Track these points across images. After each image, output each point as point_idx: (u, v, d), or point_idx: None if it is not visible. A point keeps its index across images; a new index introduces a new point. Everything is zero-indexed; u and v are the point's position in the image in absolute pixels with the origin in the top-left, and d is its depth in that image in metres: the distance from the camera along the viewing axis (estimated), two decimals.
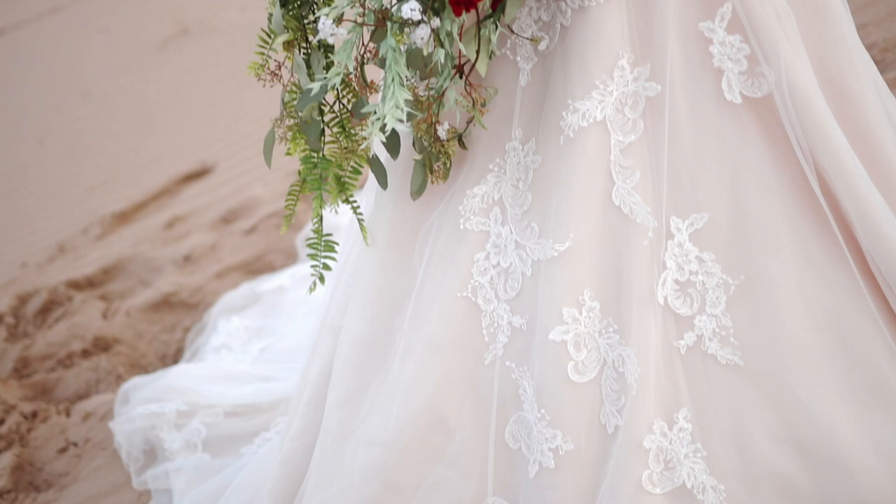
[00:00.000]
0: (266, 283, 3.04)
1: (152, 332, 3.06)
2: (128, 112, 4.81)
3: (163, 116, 4.67)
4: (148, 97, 4.92)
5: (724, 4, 1.92)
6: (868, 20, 3.25)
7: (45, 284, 3.35)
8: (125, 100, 4.95)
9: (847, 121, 1.98)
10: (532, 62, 1.98)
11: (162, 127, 4.56)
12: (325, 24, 1.78)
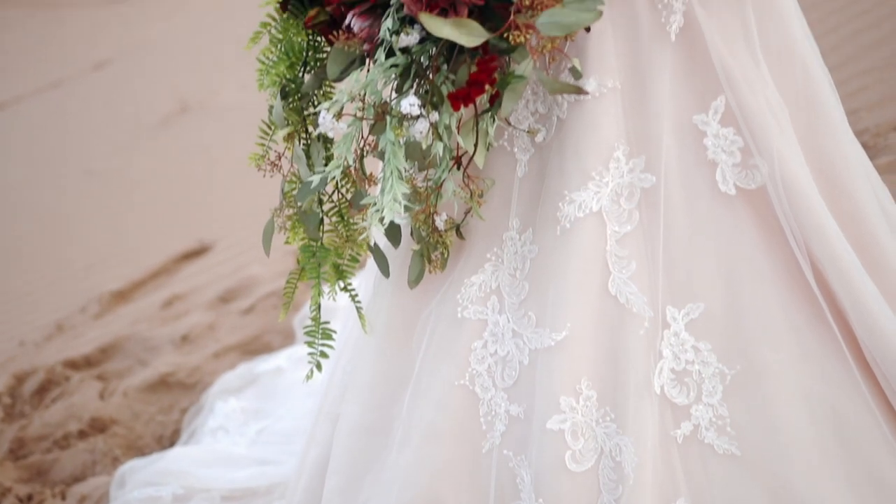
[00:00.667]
0: (264, 364, 3.05)
1: (149, 412, 3.06)
2: (127, 189, 4.84)
3: (162, 194, 4.71)
4: (147, 174, 4.96)
5: (718, 98, 1.95)
6: (860, 105, 3.30)
7: (43, 364, 3.35)
8: (125, 177, 4.99)
9: (840, 210, 2.00)
10: (529, 153, 2.01)
11: (161, 204, 4.60)
12: (325, 118, 1.82)
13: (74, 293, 3.97)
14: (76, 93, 7.57)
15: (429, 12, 1.80)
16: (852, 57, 3.49)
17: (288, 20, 1.98)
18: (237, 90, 5.63)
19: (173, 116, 5.55)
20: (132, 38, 9.06)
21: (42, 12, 10.86)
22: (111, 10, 10.64)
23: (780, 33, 2.00)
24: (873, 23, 3.68)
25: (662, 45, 1.95)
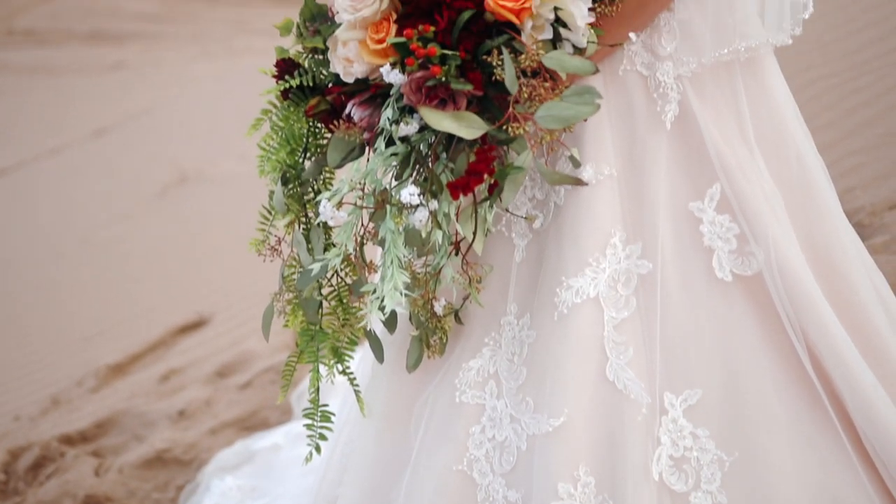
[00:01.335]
0: (261, 441, 3.03)
1: (145, 489, 3.04)
2: (125, 260, 4.85)
3: (160, 265, 4.71)
4: (146, 245, 4.97)
5: (713, 185, 1.97)
6: (855, 184, 3.33)
7: (38, 439, 3.34)
8: (123, 247, 5.00)
9: (836, 296, 2.02)
10: (527, 239, 2.02)
11: (159, 276, 4.60)
12: (325, 207, 1.83)
13: (71, 366, 3.96)
14: (75, 160, 7.61)
15: (428, 103, 1.82)
16: (847, 135, 3.53)
17: (289, 108, 2.00)
18: (237, 161, 5.67)
19: (172, 186, 5.58)
20: (132, 105, 9.13)
21: (42, 78, 10.95)
22: (111, 77, 10.72)
23: (773, 122, 2.03)
24: (868, 100, 3.73)
25: (658, 134, 1.98)
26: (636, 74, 1.98)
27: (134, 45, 12.24)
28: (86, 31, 12.69)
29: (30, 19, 12.88)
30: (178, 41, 12.34)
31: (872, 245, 3.02)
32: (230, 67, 10.14)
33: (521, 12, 1.83)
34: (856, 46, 4.10)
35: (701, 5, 1.97)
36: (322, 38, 1.96)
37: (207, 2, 14.32)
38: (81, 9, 13.10)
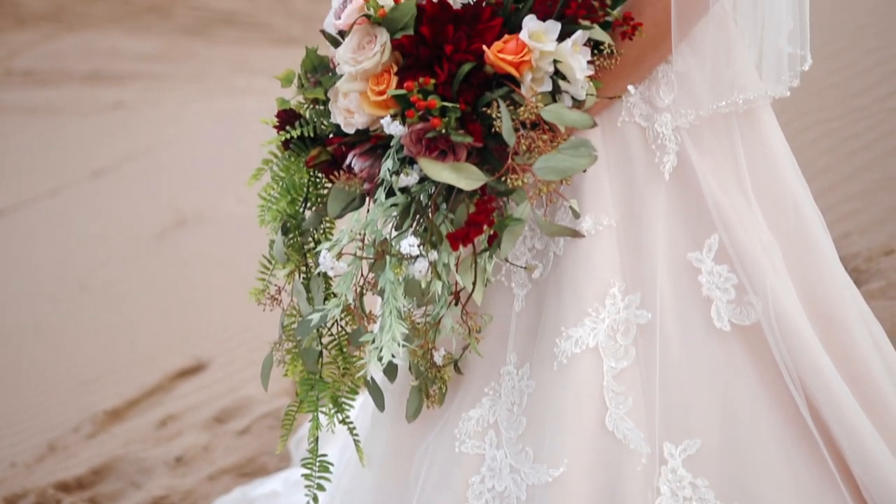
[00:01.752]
0: (259, 488, 3.02)
1: None
2: (123, 303, 4.85)
3: (158, 309, 4.71)
4: (143, 288, 4.97)
5: (712, 236, 1.98)
6: (851, 229, 3.34)
7: (34, 486, 3.32)
8: (121, 290, 5.00)
9: (834, 346, 2.02)
10: (526, 288, 2.03)
11: (157, 319, 4.60)
12: (325, 257, 1.84)
13: (68, 412, 3.95)
14: (74, 201, 7.62)
15: (428, 155, 1.84)
16: (844, 180, 3.55)
17: (290, 158, 2.01)
18: (235, 202, 5.69)
19: (171, 229, 5.59)
20: (131, 145, 9.16)
21: (41, 119, 10.99)
22: (110, 117, 10.76)
23: (770, 173, 2.04)
24: (865, 145, 3.75)
25: (657, 184, 1.99)
26: (634, 126, 2.00)
27: (133, 85, 12.31)
28: (85, 71, 12.76)
29: (29, 60, 12.95)
30: (178, 81, 12.41)
31: (869, 290, 3.03)
32: (229, 107, 10.19)
33: (520, 65, 1.84)
34: (853, 91, 4.13)
35: (698, 58, 1.99)
36: (323, 89, 1.98)
37: (207, 42, 14.43)
38: (81, 49, 13.18)
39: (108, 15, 14.62)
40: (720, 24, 2.01)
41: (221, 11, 15.12)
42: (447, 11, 1.87)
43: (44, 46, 13.45)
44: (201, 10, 15.08)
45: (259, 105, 9.36)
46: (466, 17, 1.87)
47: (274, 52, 14.02)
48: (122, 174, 8.16)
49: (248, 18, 15.19)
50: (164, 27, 14.45)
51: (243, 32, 14.77)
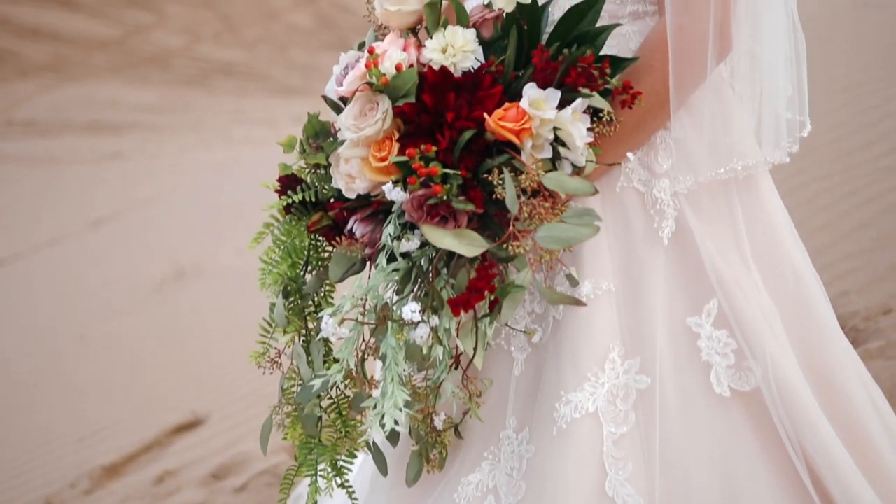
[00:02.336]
0: None
1: None
2: (121, 356, 4.85)
3: (156, 362, 4.71)
4: (142, 341, 4.97)
5: (711, 301, 1.99)
6: (849, 288, 3.35)
7: None
8: (119, 343, 5.00)
9: (834, 411, 2.02)
10: (526, 352, 2.03)
11: (155, 373, 4.59)
12: (327, 323, 1.85)
13: (65, 467, 3.93)
14: (73, 251, 7.63)
15: (429, 221, 1.85)
16: (841, 238, 3.56)
17: (291, 222, 2.02)
18: (234, 254, 5.70)
19: (169, 281, 5.59)
20: (130, 195, 9.18)
21: (41, 168, 11.02)
22: (110, 166, 10.80)
23: (769, 238, 2.05)
24: (860, 204, 3.77)
25: (655, 249, 2.00)
26: (633, 191, 2.01)
27: (132, 135, 12.36)
28: (85, 121, 12.82)
29: (30, 110, 13.02)
30: (177, 131, 12.47)
31: (868, 350, 3.03)
32: (227, 157, 10.23)
33: (521, 133, 1.86)
34: (850, 149, 4.16)
35: (696, 125, 2.01)
36: (325, 154, 1.99)
37: (206, 92, 14.51)
38: (81, 99, 13.25)
39: (108, 66, 14.71)
40: (718, 91, 2.04)
41: (220, 62, 15.23)
42: (448, 79, 1.89)
43: (44, 97, 13.52)
44: (200, 60, 15.18)
45: (256, 155, 9.40)
46: (467, 85, 1.89)
47: (272, 102, 14.10)
48: (120, 224, 8.17)
49: (247, 69, 15.29)
50: (163, 78, 14.54)
51: (242, 83, 14.87)
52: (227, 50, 15.61)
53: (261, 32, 16.35)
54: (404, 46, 1.95)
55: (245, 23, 16.54)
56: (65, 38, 15.22)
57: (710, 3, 1.94)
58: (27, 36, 15.07)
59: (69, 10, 16.00)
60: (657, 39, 1.96)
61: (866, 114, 4.35)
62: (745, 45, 2.06)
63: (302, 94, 14.15)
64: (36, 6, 15.92)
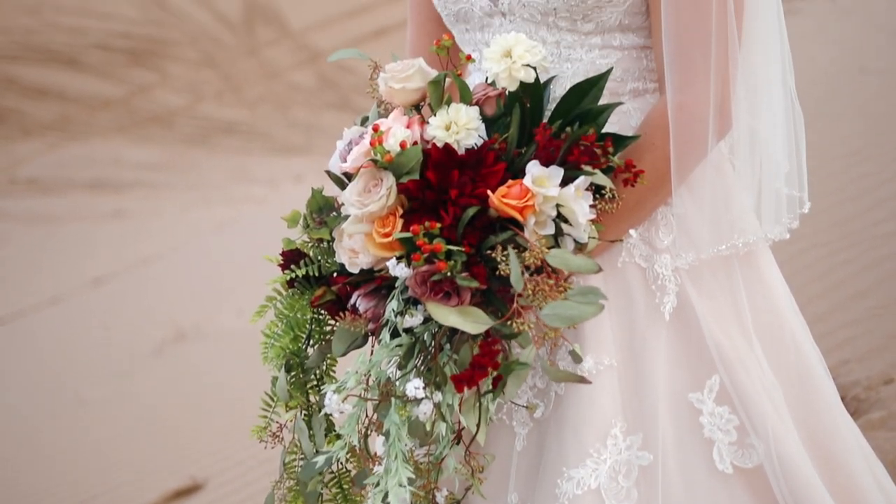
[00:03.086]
0: None
1: None
2: (120, 419, 4.83)
3: (155, 426, 4.69)
4: (141, 404, 4.96)
5: (713, 376, 2.00)
6: (849, 356, 3.35)
7: None
8: (118, 406, 4.99)
9: (837, 487, 2.02)
10: (527, 427, 2.04)
11: (154, 437, 4.58)
12: (331, 399, 1.85)
13: None
14: (73, 310, 7.63)
15: (433, 297, 1.86)
16: (838, 306, 3.57)
17: (293, 296, 2.03)
18: (234, 316, 5.70)
19: (169, 343, 5.59)
20: (131, 254, 9.20)
21: (43, 227, 11.06)
22: (111, 225, 10.84)
23: (771, 313, 2.07)
24: (858, 272, 3.79)
25: (657, 325, 2.01)
26: (635, 266, 2.03)
27: (134, 193, 12.42)
28: (87, 179, 12.89)
29: (33, 168, 13.09)
30: (178, 189, 12.53)
31: (869, 421, 3.03)
32: (228, 216, 10.27)
33: (524, 210, 1.88)
34: (845, 216, 4.18)
35: (697, 200, 2.03)
36: (328, 229, 2.01)
37: (208, 151, 14.60)
38: (84, 158, 13.33)
39: (111, 125, 14.82)
40: (718, 168, 2.06)
41: (222, 121, 15.34)
42: (452, 157, 1.91)
43: (47, 155, 13.60)
44: (202, 119, 15.29)
45: (257, 214, 9.44)
46: (471, 162, 1.91)
47: (273, 161, 14.19)
48: (121, 283, 8.19)
49: (249, 128, 15.40)
50: (165, 137, 14.64)
51: (243, 142, 14.96)
52: (229, 109, 15.73)
53: (263, 92, 16.49)
54: (408, 123, 1.97)
55: (247, 82, 16.68)
56: (69, 98, 15.34)
57: (710, 81, 1.97)
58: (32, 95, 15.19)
59: (74, 69, 16.15)
60: (658, 117, 1.99)
61: (864, 180, 4.38)
62: (745, 121, 2.08)
63: (303, 153, 14.23)
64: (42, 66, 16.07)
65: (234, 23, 18.27)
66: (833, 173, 4.49)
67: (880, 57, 5.57)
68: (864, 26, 6.56)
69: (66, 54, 16.75)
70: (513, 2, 2.02)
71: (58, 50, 16.85)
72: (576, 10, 2.00)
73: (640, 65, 2.05)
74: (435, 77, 1.97)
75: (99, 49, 17.09)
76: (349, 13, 18.12)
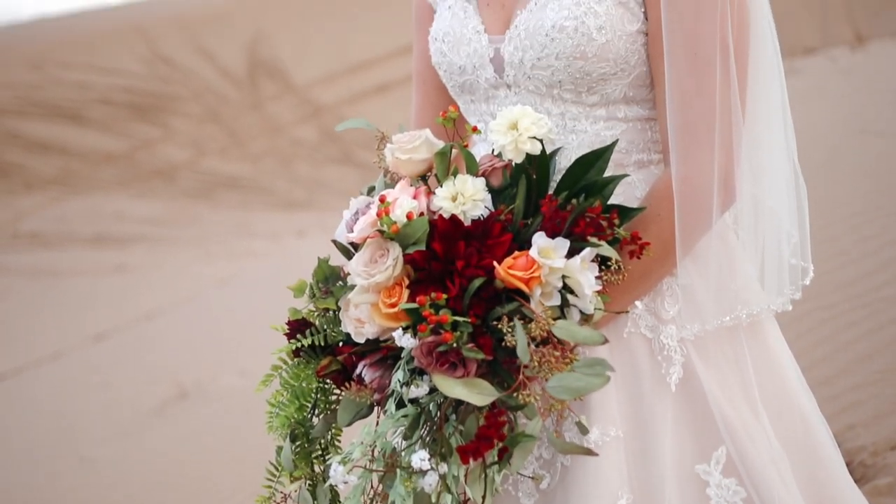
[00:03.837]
0: None
1: None
2: (122, 481, 4.80)
3: (158, 489, 4.66)
4: (143, 466, 4.93)
5: (719, 448, 1.99)
6: (856, 421, 3.34)
7: None
8: (120, 467, 4.96)
9: None
10: (533, 498, 2.02)
11: (155, 498, 4.55)
12: (336, 470, 1.84)
13: None
14: (74, 366, 7.60)
15: (439, 367, 1.86)
16: (844, 370, 3.57)
17: (299, 366, 2.03)
18: (237, 375, 5.68)
19: (171, 402, 5.57)
20: (133, 309, 9.20)
21: (45, 281, 11.06)
22: (113, 280, 10.84)
23: (777, 383, 2.06)
24: (863, 335, 3.78)
25: (663, 396, 2.01)
26: (640, 337, 2.03)
27: (137, 247, 12.44)
28: (90, 233, 12.92)
29: (35, 222, 13.13)
30: (180, 244, 12.55)
31: (877, 487, 3.01)
32: (231, 271, 10.27)
33: (530, 281, 1.88)
34: (849, 279, 4.19)
35: (702, 271, 2.03)
36: (335, 298, 2.01)
37: (210, 205, 14.65)
38: (87, 212, 13.37)
39: (114, 179, 14.88)
40: (723, 238, 2.07)
41: (225, 176, 15.40)
42: (459, 228, 1.92)
43: (50, 210, 13.64)
44: (205, 174, 15.35)
45: (260, 269, 9.45)
46: (477, 233, 1.92)
47: (276, 215, 14.23)
48: (122, 339, 8.17)
49: (251, 182, 15.46)
50: (168, 191, 14.69)
51: (246, 196, 15.01)
52: (232, 163, 15.80)
53: (266, 146, 16.58)
54: (415, 194, 1.98)
55: (250, 137, 16.78)
56: (73, 152, 15.41)
57: (714, 154, 1.98)
58: (36, 150, 15.27)
59: (78, 124, 16.24)
60: (663, 188, 2.00)
61: (866, 242, 4.39)
62: (748, 191, 2.10)
63: (306, 208, 14.28)
64: (45, 121, 16.16)
65: (239, 78, 18.42)
66: (836, 235, 4.50)
67: (881, 118, 5.60)
68: (864, 87, 6.61)
69: (70, 109, 16.86)
70: (518, 74, 2.04)
71: (62, 105, 16.97)
72: (581, 83, 2.01)
73: (644, 136, 2.06)
74: (441, 149, 1.98)
75: (103, 104, 17.21)
76: (352, 69, 18.27)
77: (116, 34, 19.32)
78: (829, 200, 4.78)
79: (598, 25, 1.98)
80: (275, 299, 4.80)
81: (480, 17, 2.10)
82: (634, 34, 2.01)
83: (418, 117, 2.26)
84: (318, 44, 19.11)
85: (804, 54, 9.72)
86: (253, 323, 6.35)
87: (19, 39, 19.68)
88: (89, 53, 18.58)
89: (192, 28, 19.44)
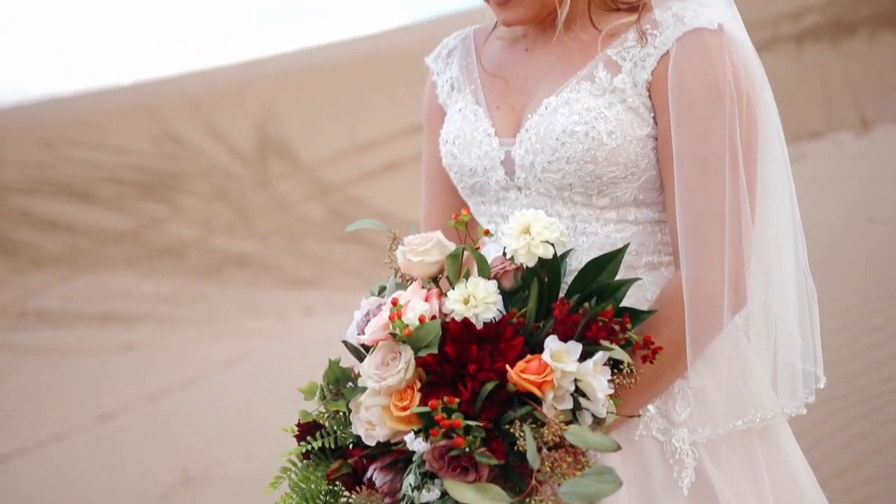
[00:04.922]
0: None
1: None
2: None
3: None
4: None
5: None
6: None
7: None
8: None
9: None
10: None
11: None
12: None
13: None
14: (79, 448, 7.56)
15: (451, 472, 1.85)
16: (855, 464, 3.54)
17: (309, 468, 2.02)
18: (242, 461, 5.64)
19: (175, 488, 5.53)
20: (138, 390, 9.17)
21: (51, 360, 11.05)
22: (119, 359, 10.82)
23: (790, 488, 2.05)
24: (873, 428, 3.76)
25: (675, 499, 1.99)
26: (652, 440, 2.02)
27: (143, 326, 12.45)
28: (96, 312, 12.94)
29: (42, 300, 13.16)
30: (187, 322, 12.55)
31: None
32: (238, 351, 10.25)
33: (542, 385, 1.88)
34: (857, 370, 4.17)
35: (713, 374, 2.03)
36: (345, 400, 2.01)
37: (218, 283, 14.68)
38: (94, 290, 13.41)
39: (122, 257, 14.94)
40: (734, 340, 2.07)
41: (232, 254, 15.45)
42: (471, 331, 1.92)
43: (57, 288, 13.68)
44: (213, 252, 15.41)
45: (267, 349, 9.43)
46: (489, 337, 1.92)
47: (283, 293, 14.24)
48: (128, 420, 8.13)
49: (259, 260, 15.51)
50: (176, 269, 14.74)
51: (253, 274, 15.05)
52: (240, 242, 15.86)
53: (273, 224, 16.65)
54: (427, 297, 1.99)
55: (258, 215, 16.87)
56: (80, 230, 15.50)
57: (724, 257, 1.99)
58: (44, 228, 15.36)
59: (86, 202, 16.35)
60: (674, 291, 2.00)
61: (874, 334, 4.38)
62: (759, 294, 2.10)
63: (313, 286, 14.31)
64: (54, 199, 16.29)
65: (247, 156, 18.57)
66: (845, 325, 4.49)
67: (888, 206, 5.63)
68: (869, 174, 6.65)
69: (79, 187, 16.99)
70: (529, 177, 2.06)
71: (71, 183, 17.10)
72: (591, 186, 2.03)
73: (654, 238, 2.07)
74: (453, 251, 1.99)
75: (112, 182, 17.35)
76: (360, 147, 18.42)
77: (126, 114, 19.54)
78: (838, 289, 4.78)
79: (609, 130, 2.01)
80: (280, 380, 4.76)
81: (490, 120, 2.12)
82: (644, 138, 2.03)
83: (428, 217, 2.28)
84: (327, 122, 19.30)
85: (810, 138, 9.79)
86: (258, 406, 6.32)
87: (31, 119, 19.91)
88: (99, 133, 18.77)
89: (201, 107, 19.66)
